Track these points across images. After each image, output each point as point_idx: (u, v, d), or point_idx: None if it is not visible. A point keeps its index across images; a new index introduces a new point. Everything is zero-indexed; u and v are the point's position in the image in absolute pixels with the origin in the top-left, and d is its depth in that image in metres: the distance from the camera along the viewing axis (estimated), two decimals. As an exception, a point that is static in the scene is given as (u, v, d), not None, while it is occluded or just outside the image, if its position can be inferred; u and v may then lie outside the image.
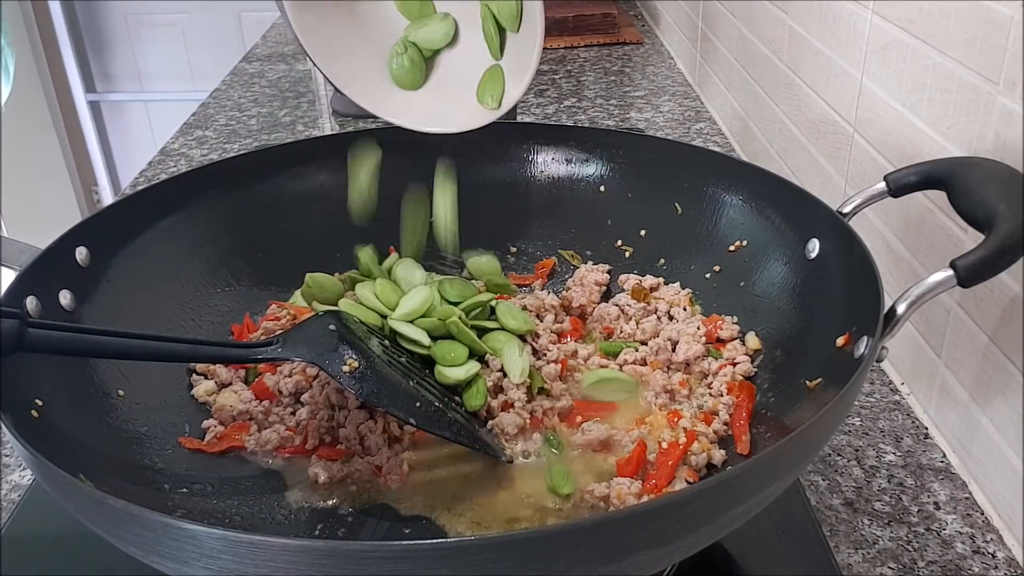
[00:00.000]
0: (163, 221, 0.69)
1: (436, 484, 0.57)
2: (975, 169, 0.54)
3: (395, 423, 0.60)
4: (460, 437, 0.56)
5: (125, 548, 0.42)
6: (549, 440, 0.60)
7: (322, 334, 0.59)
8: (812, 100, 0.89)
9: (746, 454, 0.57)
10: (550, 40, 1.64)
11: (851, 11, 0.79)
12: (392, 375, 0.58)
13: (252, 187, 0.75)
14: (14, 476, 0.68)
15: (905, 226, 0.71)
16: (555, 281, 0.78)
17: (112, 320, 0.62)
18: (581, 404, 0.63)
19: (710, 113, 1.31)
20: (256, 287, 0.73)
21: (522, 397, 0.62)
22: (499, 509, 0.55)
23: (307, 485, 0.58)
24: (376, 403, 0.56)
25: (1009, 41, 0.56)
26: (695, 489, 0.41)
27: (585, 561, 0.38)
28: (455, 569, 0.37)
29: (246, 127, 1.34)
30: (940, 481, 0.64)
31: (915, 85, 0.68)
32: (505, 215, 0.80)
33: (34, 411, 0.51)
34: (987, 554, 0.58)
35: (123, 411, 0.59)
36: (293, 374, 0.65)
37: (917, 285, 0.50)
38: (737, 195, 0.70)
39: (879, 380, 0.75)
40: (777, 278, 0.65)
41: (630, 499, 0.54)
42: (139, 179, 1.19)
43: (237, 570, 0.38)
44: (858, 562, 0.58)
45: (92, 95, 2.88)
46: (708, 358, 0.65)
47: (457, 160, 0.80)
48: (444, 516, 0.55)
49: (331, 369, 0.56)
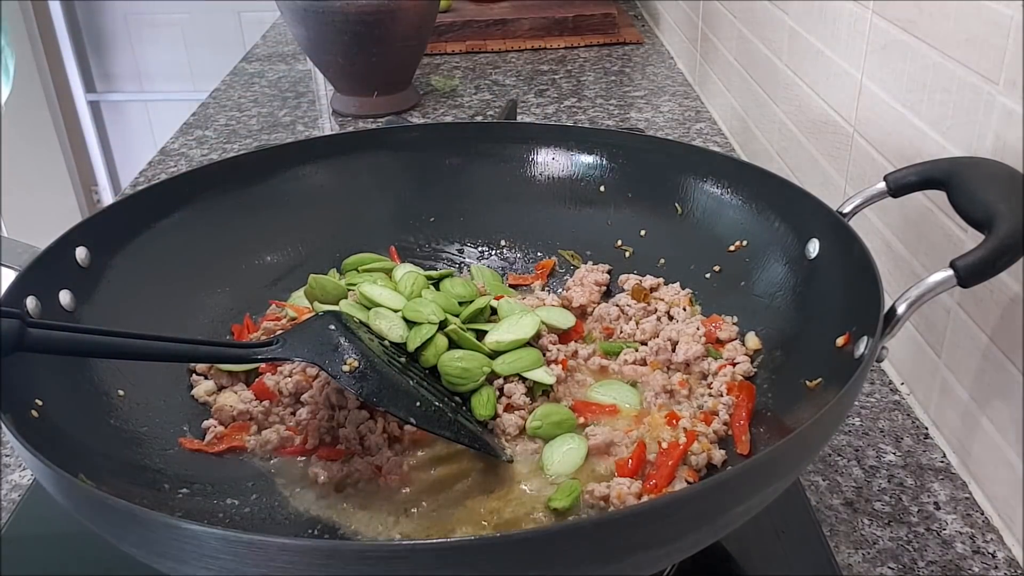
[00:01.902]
0: (163, 221, 0.69)
1: (436, 484, 0.57)
2: (975, 169, 0.55)
3: (395, 423, 0.60)
4: (460, 437, 0.56)
5: (125, 548, 0.42)
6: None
7: (322, 334, 0.59)
8: (812, 100, 0.89)
9: (746, 454, 0.57)
10: (550, 40, 1.65)
11: (851, 11, 0.79)
12: (392, 375, 0.58)
13: (252, 187, 0.75)
14: (14, 476, 0.68)
15: (905, 226, 0.71)
16: (555, 281, 0.78)
17: (112, 320, 0.62)
18: (581, 404, 0.63)
19: (710, 113, 1.31)
20: (256, 287, 0.73)
21: (525, 399, 0.62)
22: (499, 509, 0.55)
23: (307, 485, 0.58)
24: (376, 403, 0.56)
25: (1009, 41, 0.56)
26: (695, 489, 0.41)
27: (585, 561, 0.38)
28: (455, 569, 0.37)
29: (246, 127, 1.34)
30: (940, 481, 0.64)
31: (915, 85, 0.68)
32: (505, 215, 0.80)
33: (34, 411, 0.51)
34: (987, 554, 0.58)
35: (123, 411, 0.59)
36: (293, 374, 0.65)
37: (917, 285, 0.50)
38: (737, 195, 0.70)
39: (879, 380, 0.75)
40: (777, 278, 0.65)
41: (630, 499, 0.54)
42: (139, 179, 1.19)
43: (237, 570, 0.38)
44: (858, 562, 0.58)
45: (92, 95, 2.88)
46: (708, 358, 0.65)
47: (457, 160, 0.80)
48: (444, 516, 0.55)
49: (331, 369, 0.56)
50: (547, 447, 0.59)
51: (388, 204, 0.79)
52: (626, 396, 0.64)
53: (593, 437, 0.59)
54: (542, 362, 0.65)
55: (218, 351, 0.60)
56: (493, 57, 1.61)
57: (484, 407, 0.61)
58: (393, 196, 0.80)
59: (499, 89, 1.44)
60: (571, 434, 0.60)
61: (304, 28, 1.27)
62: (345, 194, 0.78)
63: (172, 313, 0.67)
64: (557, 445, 0.59)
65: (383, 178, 0.79)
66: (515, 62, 1.58)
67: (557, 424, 0.60)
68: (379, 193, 0.79)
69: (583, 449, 0.59)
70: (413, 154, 0.80)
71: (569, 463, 0.58)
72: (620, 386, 0.65)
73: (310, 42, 1.29)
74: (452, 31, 1.65)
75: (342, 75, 1.33)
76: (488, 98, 1.41)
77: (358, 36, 1.25)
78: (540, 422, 0.60)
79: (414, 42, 1.32)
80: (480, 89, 1.45)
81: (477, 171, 0.80)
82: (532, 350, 0.65)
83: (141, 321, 0.64)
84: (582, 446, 0.59)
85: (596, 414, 0.62)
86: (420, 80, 1.49)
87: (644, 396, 0.64)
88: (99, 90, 2.91)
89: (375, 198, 0.79)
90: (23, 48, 2.71)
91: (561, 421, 0.61)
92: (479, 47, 1.64)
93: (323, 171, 0.78)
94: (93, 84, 2.90)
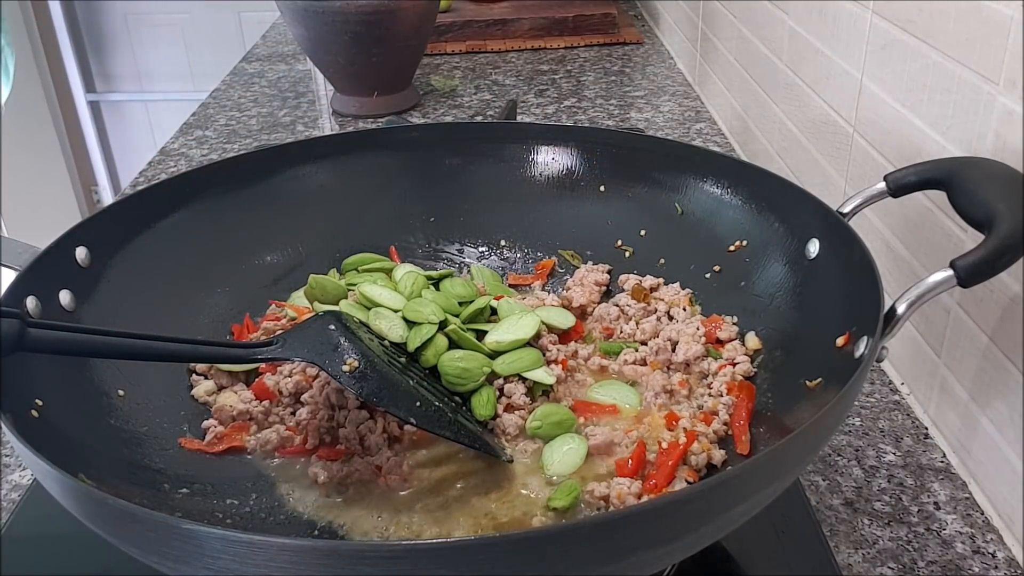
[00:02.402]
0: (163, 221, 0.69)
1: (436, 484, 0.57)
2: (975, 169, 0.54)
3: (395, 423, 0.60)
4: (461, 437, 0.56)
5: (125, 548, 0.42)
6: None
7: (322, 334, 0.59)
8: (812, 100, 0.89)
9: (746, 454, 0.57)
10: (550, 40, 1.65)
11: (851, 11, 0.79)
12: (392, 374, 0.58)
13: (252, 187, 0.75)
14: (14, 476, 0.68)
15: (905, 226, 0.71)
16: (555, 281, 0.78)
17: (112, 320, 0.62)
18: (580, 404, 0.63)
19: (710, 113, 1.31)
20: (256, 287, 0.73)
21: (526, 399, 0.62)
22: (499, 509, 0.55)
23: (307, 485, 0.58)
24: (376, 403, 0.56)
25: (1009, 41, 0.56)
26: (695, 489, 0.41)
27: (585, 561, 0.38)
28: (455, 569, 0.37)
29: (246, 127, 1.34)
30: (940, 481, 0.64)
31: (915, 85, 0.68)
32: (505, 215, 0.80)
33: (34, 411, 0.51)
34: (987, 554, 0.58)
35: (123, 411, 0.59)
36: (293, 374, 0.65)
37: (917, 285, 0.50)
38: (737, 195, 0.70)
39: (879, 380, 0.75)
40: (777, 278, 0.65)
41: (630, 499, 0.54)
42: (139, 179, 1.19)
43: (237, 570, 0.38)
44: (858, 562, 0.58)
45: (92, 95, 2.88)
46: (708, 358, 0.65)
47: (457, 160, 0.80)
48: (444, 516, 0.55)
49: (331, 369, 0.56)
50: (547, 447, 0.59)
51: (388, 204, 0.79)
52: (626, 396, 0.64)
53: (593, 437, 0.59)
54: (542, 362, 0.65)
55: (218, 351, 0.60)
56: (493, 57, 1.61)
57: (484, 407, 0.61)
58: (393, 196, 0.80)
59: (499, 89, 1.44)
60: (571, 434, 0.60)
61: (304, 28, 1.27)
62: (345, 194, 0.78)
63: (172, 313, 0.67)
64: (557, 445, 0.59)
65: (383, 178, 0.79)
66: (515, 62, 1.58)
67: (557, 424, 0.60)
68: (379, 193, 0.79)
69: (583, 449, 0.59)
70: (413, 154, 0.80)
71: (569, 463, 0.58)
72: (620, 386, 0.65)
73: (310, 42, 1.29)
74: (452, 31, 1.66)
75: (342, 75, 1.33)
76: (488, 98, 1.41)
77: (358, 36, 1.25)
78: (540, 422, 0.60)
79: (414, 42, 1.32)
80: (480, 89, 1.45)
81: (477, 171, 0.80)
82: (532, 350, 0.65)
83: (141, 321, 0.64)
84: (582, 446, 0.59)
85: (596, 414, 0.62)
86: (420, 80, 1.49)
87: (644, 396, 0.64)
88: (99, 90, 2.91)
89: (375, 198, 0.79)
90: (23, 48, 2.71)
91: (561, 421, 0.61)
92: (479, 47, 1.64)
93: (323, 171, 0.78)
94: (93, 84, 2.90)
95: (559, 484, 0.56)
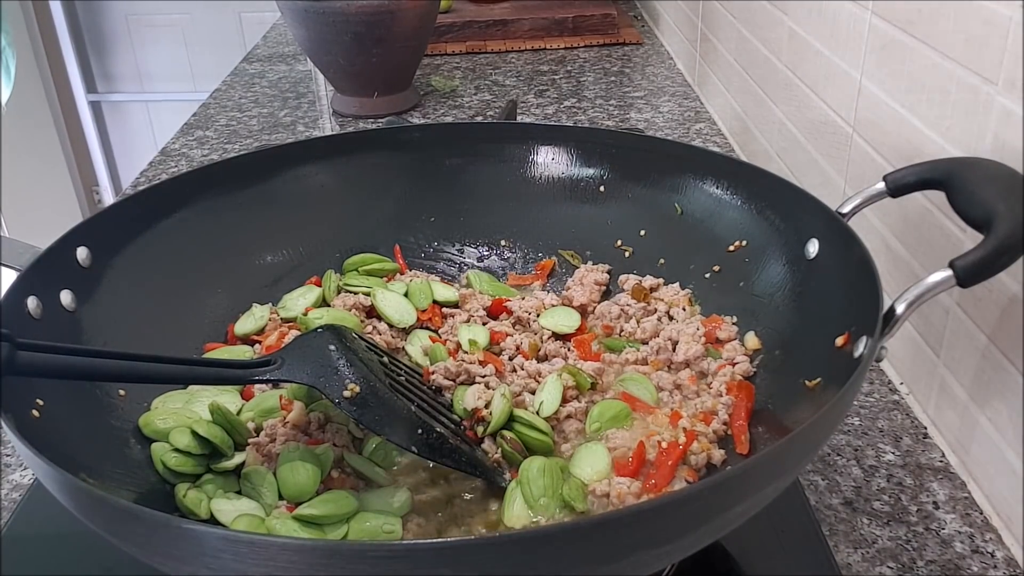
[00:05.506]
0: (164, 221, 0.69)
1: (433, 504, 0.56)
2: (974, 169, 0.54)
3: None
4: (462, 464, 0.56)
5: (125, 548, 0.42)
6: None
7: (322, 355, 0.57)
8: (811, 100, 0.89)
9: (746, 454, 0.57)
10: (550, 40, 1.65)
11: (851, 11, 0.79)
12: (393, 401, 0.57)
13: (252, 187, 0.75)
14: (14, 476, 0.68)
15: (904, 226, 0.71)
16: (555, 281, 0.78)
17: (113, 320, 0.62)
18: (627, 397, 0.63)
19: (710, 113, 1.31)
20: (256, 287, 0.73)
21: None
22: (499, 523, 0.55)
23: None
24: (377, 431, 0.55)
25: (1008, 42, 0.56)
26: (695, 489, 0.41)
27: (585, 561, 0.39)
28: (455, 569, 0.37)
29: (246, 127, 1.34)
30: (939, 481, 0.65)
31: (914, 85, 0.68)
32: (505, 215, 0.80)
33: (35, 411, 0.51)
34: (986, 553, 0.59)
35: (123, 411, 0.59)
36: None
37: (916, 285, 0.50)
38: (737, 195, 0.70)
39: (878, 380, 0.75)
40: (776, 278, 0.65)
41: (630, 499, 0.54)
42: (140, 179, 1.19)
43: (237, 570, 0.38)
44: (857, 561, 0.58)
45: (93, 95, 2.88)
46: (707, 358, 0.65)
47: (457, 160, 0.80)
48: (443, 528, 0.55)
49: (331, 395, 0.55)
50: (573, 464, 0.58)
51: (388, 204, 0.80)
52: (646, 392, 0.64)
53: (614, 439, 0.59)
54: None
55: (216, 372, 0.58)
56: (493, 57, 1.61)
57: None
58: (393, 196, 0.80)
59: (499, 89, 1.44)
60: (590, 443, 0.59)
61: (305, 29, 1.27)
62: (345, 194, 0.78)
63: (172, 313, 0.67)
64: (585, 454, 0.58)
65: (383, 178, 0.79)
66: (515, 62, 1.58)
67: (613, 419, 0.61)
68: (379, 193, 0.79)
69: (602, 452, 0.58)
70: (413, 154, 0.80)
71: (599, 466, 0.57)
72: (641, 380, 0.65)
73: (311, 43, 1.30)
74: (452, 32, 1.66)
75: (342, 76, 1.33)
76: (488, 98, 1.41)
77: (358, 37, 1.25)
78: (599, 422, 0.60)
79: (414, 43, 1.32)
80: (480, 89, 1.45)
81: (477, 171, 0.80)
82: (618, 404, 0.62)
83: (142, 321, 0.64)
84: (602, 451, 0.58)
85: (639, 410, 0.62)
86: (420, 81, 1.49)
87: (660, 394, 0.64)
88: (100, 90, 2.91)
89: (375, 198, 0.79)
90: (24, 48, 2.71)
91: (617, 415, 0.61)
92: (479, 48, 1.64)
93: (323, 171, 0.78)
94: (94, 84, 2.90)
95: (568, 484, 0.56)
